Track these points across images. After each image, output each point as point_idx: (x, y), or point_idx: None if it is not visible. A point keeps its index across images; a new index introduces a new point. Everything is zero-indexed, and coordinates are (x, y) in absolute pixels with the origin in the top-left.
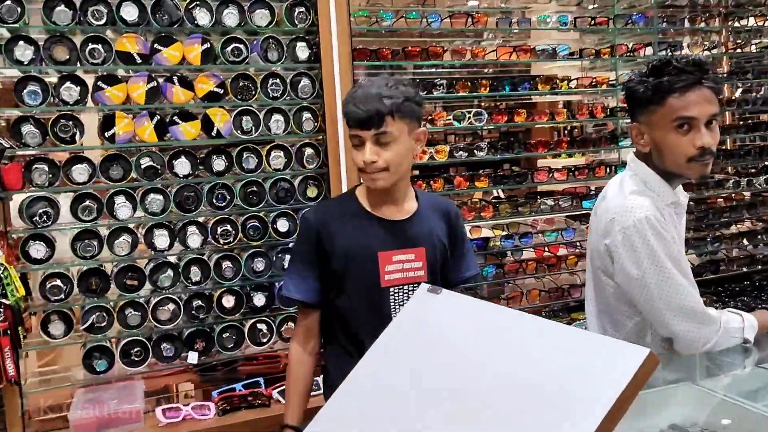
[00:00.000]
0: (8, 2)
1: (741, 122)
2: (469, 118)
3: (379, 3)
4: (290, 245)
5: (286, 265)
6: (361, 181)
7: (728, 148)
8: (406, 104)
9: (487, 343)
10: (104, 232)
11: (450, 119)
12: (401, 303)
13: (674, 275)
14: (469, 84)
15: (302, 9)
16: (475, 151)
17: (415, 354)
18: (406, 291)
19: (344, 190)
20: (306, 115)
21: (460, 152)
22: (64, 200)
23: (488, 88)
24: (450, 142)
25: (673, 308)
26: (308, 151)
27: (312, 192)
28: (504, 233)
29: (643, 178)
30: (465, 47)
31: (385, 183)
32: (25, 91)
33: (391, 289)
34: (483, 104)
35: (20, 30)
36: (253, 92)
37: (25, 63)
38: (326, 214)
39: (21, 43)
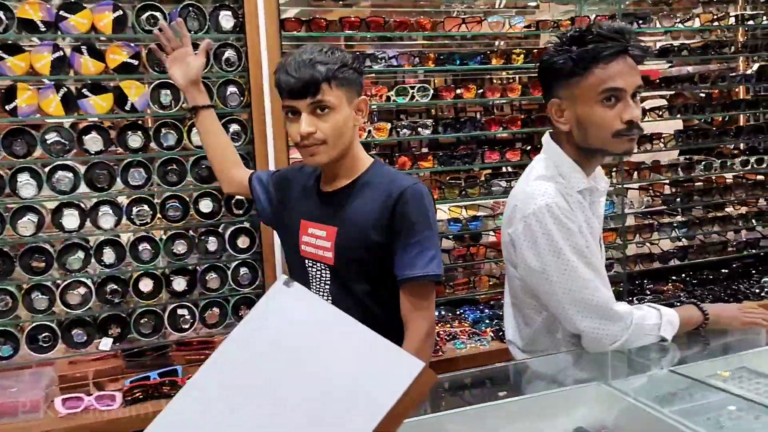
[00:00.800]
0: None
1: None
2: (413, 93)
3: None
4: (219, 228)
5: (209, 248)
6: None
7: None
8: (344, 71)
9: (308, 345)
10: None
11: (392, 94)
12: (316, 279)
13: (578, 268)
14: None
15: None
16: (419, 129)
17: (252, 351)
18: (319, 269)
19: (271, 167)
20: (231, 89)
21: (404, 130)
22: None
23: (434, 62)
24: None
25: (576, 304)
26: (234, 127)
27: None
28: (450, 217)
29: (555, 161)
30: (410, 18)
31: (325, 158)
32: None
33: (307, 261)
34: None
35: None
36: None
37: None
38: (289, 174)
39: None
